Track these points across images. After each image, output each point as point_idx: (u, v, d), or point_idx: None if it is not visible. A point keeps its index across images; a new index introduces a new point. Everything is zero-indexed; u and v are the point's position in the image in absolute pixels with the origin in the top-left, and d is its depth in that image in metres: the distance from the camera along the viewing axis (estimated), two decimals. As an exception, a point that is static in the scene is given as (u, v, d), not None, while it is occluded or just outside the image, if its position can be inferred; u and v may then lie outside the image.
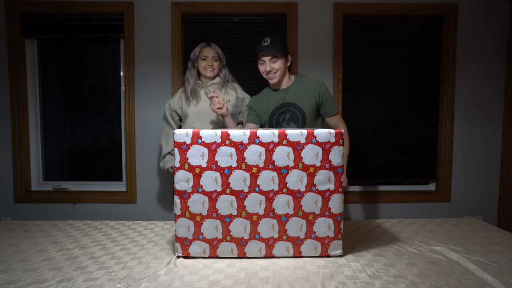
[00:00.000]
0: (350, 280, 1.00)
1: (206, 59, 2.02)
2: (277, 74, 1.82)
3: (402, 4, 2.55)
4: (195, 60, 2.06)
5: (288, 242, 1.18)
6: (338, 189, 1.18)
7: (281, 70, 1.82)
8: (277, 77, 1.83)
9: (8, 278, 1.03)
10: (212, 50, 2.04)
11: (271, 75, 1.82)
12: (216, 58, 2.04)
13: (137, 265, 1.13)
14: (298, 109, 1.83)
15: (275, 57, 1.79)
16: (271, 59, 1.80)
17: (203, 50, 2.03)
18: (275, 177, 1.16)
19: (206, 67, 2.02)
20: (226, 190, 1.16)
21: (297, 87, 1.87)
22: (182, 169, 1.16)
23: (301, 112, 1.83)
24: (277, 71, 1.81)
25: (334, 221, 1.18)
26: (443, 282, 0.99)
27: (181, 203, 1.17)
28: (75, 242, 1.35)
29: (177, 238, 1.18)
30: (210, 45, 2.05)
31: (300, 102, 1.83)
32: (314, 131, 1.15)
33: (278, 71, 1.81)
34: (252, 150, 1.14)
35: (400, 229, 1.53)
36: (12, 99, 2.55)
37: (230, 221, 1.17)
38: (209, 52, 2.02)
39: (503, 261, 1.15)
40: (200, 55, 2.03)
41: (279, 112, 1.87)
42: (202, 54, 2.02)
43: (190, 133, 1.15)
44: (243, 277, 1.04)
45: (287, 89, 1.88)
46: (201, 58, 2.02)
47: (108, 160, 2.74)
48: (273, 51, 1.78)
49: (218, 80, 2.10)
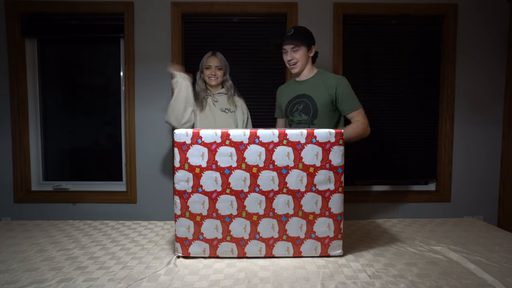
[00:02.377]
0: (350, 280, 1.00)
1: (210, 68, 2.07)
2: (298, 65, 1.86)
3: (402, 4, 2.55)
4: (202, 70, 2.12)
5: (288, 242, 1.18)
6: (338, 189, 1.18)
7: (302, 61, 1.86)
8: (298, 67, 1.86)
9: (8, 278, 1.03)
10: (216, 59, 2.08)
11: (292, 65, 1.86)
12: (219, 67, 2.08)
13: (137, 265, 1.13)
14: (311, 101, 1.85)
15: (296, 46, 1.83)
16: (292, 48, 1.84)
17: (208, 60, 2.08)
18: (275, 177, 1.16)
19: (210, 76, 2.07)
20: (226, 190, 1.16)
21: (316, 80, 1.88)
22: (182, 169, 1.16)
23: (314, 105, 1.84)
24: (298, 61, 1.85)
25: (334, 221, 1.18)
26: (443, 282, 0.99)
27: (181, 203, 1.17)
28: (75, 242, 1.35)
29: (177, 238, 1.18)
30: (215, 54, 2.10)
31: (314, 94, 1.85)
32: (314, 131, 1.16)
33: (298, 61, 1.85)
34: (252, 150, 1.14)
35: (400, 229, 1.53)
36: (12, 99, 2.55)
37: (230, 221, 1.17)
38: (213, 62, 2.07)
39: (503, 261, 1.15)
40: (205, 64, 2.09)
41: (294, 102, 1.91)
42: (207, 63, 2.08)
43: (190, 133, 1.15)
44: (243, 277, 1.04)
45: (306, 80, 1.91)
46: (205, 67, 2.08)
47: (108, 160, 2.74)
48: (294, 40, 1.82)
49: (224, 90, 2.14)
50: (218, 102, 2.09)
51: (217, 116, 2.06)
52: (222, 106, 2.09)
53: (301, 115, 1.88)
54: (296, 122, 1.90)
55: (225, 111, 2.09)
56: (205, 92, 2.11)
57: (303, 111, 1.87)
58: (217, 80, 2.08)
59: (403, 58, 2.63)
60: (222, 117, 2.07)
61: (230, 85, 2.15)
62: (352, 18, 2.58)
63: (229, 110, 2.09)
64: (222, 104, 2.10)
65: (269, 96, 2.55)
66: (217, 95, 2.12)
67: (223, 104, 2.10)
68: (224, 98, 2.12)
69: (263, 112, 2.56)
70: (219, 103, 2.09)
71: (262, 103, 2.58)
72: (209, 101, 2.09)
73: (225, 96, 2.13)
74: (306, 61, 1.88)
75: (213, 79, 2.08)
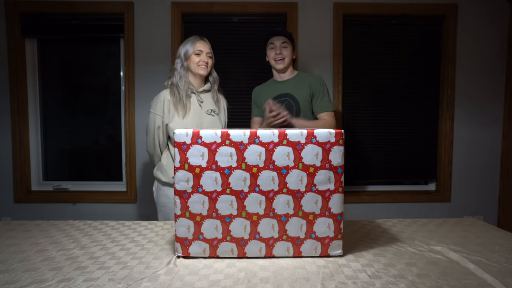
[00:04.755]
0: (350, 280, 1.00)
1: (201, 54, 1.71)
2: (285, 61, 1.84)
3: (402, 4, 2.55)
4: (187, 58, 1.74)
5: (288, 242, 1.18)
6: (338, 189, 1.17)
7: (289, 58, 1.86)
8: (285, 63, 1.85)
9: (8, 278, 1.03)
10: (207, 45, 1.76)
11: (279, 60, 1.84)
12: (210, 55, 1.76)
13: (137, 265, 1.13)
14: (293, 100, 1.84)
15: (285, 43, 1.83)
16: (282, 43, 1.83)
17: (197, 44, 1.72)
18: (275, 177, 1.16)
19: (200, 63, 1.71)
20: (226, 190, 1.16)
21: (297, 79, 1.90)
22: (182, 169, 1.16)
23: (296, 103, 1.84)
24: (285, 57, 1.84)
25: (334, 221, 1.18)
26: (443, 282, 0.99)
27: (181, 203, 1.17)
28: (75, 242, 1.35)
29: (177, 238, 1.18)
30: (203, 39, 1.77)
31: (295, 93, 1.85)
32: (314, 131, 1.15)
33: (286, 57, 1.84)
34: (252, 150, 1.14)
35: (400, 229, 1.53)
36: (12, 99, 2.55)
37: (230, 221, 1.17)
38: (204, 47, 1.73)
39: (503, 261, 1.14)
40: (195, 49, 1.72)
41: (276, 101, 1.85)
42: (196, 48, 1.71)
43: (190, 133, 1.15)
44: (243, 277, 1.04)
45: (287, 80, 1.91)
46: (194, 53, 1.71)
47: (108, 160, 2.74)
48: (285, 36, 1.83)
49: (208, 86, 1.82)
50: (204, 103, 1.78)
51: (204, 121, 1.76)
52: (208, 108, 1.79)
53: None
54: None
55: (211, 113, 1.79)
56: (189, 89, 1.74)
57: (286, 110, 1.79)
58: (206, 69, 1.74)
59: (403, 58, 2.63)
60: (209, 122, 1.78)
61: (216, 77, 1.83)
62: (352, 18, 2.58)
63: (215, 112, 1.81)
64: (208, 104, 1.80)
65: (269, 96, 2.55)
66: (202, 93, 1.80)
67: (209, 104, 1.80)
68: (209, 96, 1.82)
69: (263, 112, 2.56)
70: (205, 104, 1.79)
71: (262, 103, 2.58)
72: (193, 101, 1.75)
73: (209, 94, 1.83)
74: (290, 61, 1.89)
75: (202, 67, 1.72)
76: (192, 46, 1.72)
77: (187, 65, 1.74)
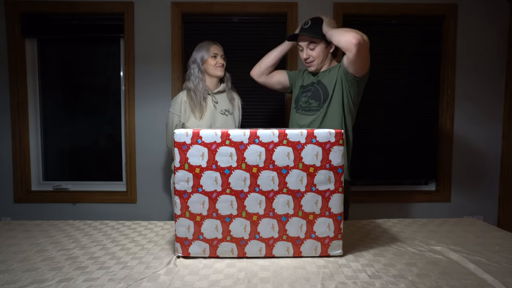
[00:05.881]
0: (350, 280, 1.00)
1: (217, 56, 1.87)
2: (314, 63, 1.66)
3: (402, 4, 2.55)
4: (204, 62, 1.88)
5: (288, 242, 1.18)
6: (338, 189, 1.17)
7: (320, 58, 1.65)
8: (315, 66, 1.67)
9: (8, 278, 1.03)
10: (220, 48, 1.91)
11: (308, 63, 1.67)
12: (224, 57, 1.91)
13: (137, 265, 1.13)
14: (321, 86, 1.67)
15: (313, 43, 1.62)
16: (308, 44, 1.63)
17: (213, 48, 1.88)
18: (275, 177, 1.16)
19: (217, 65, 1.86)
20: (226, 190, 1.16)
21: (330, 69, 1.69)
22: (182, 169, 1.16)
23: (323, 88, 1.66)
24: (314, 59, 1.65)
25: (334, 221, 1.18)
26: (443, 282, 0.99)
27: (181, 203, 1.17)
28: (75, 242, 1.35)
29: (177, 238, 1.18)
30: (215, 43, 1.92)
31: (325, 79, 1.68)
32: (314, 131, 1.15)
33: (315, 59, 1.65)
34: (252, 150, 1.14)
35: (400, 229, 1.53)
36: (12, 99, 2.55)
37: (230, 221, 1.17)
38: (219, 50, 1.89)
39: (503, 261, 1.14)
40: (211, 52, 1.87)
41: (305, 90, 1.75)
42: (213, 51, 1.87)
43: (190, 133, 1.15)
44: (243, 277, 1.04)
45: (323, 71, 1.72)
46: (211, 56, 1.86)
47: (108, 160, 2.74)
48: (310, 35, 1.60)
49: (223, 87, 1.95)
50: (219, 104, 1.92)
51: (217, 120, 1.90)
52: (222, 108, 1.93)
53: (309, 102, 1.71)
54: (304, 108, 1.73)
55: (225, 113, 1.93)
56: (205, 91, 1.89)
57: (312, 97, 1.70)
58: (223, 70, 1.90)
59: (403, 58, 2.63)
60: (222, 121, 1.91)
61: (228, 76, 1.96)
62: (352, 18, 2.58)
63: (228, 112, 1.94)
64: (222, 105, 1.93)
65: (269, 96, 2.55)
66: (217, 94, 1.93)
67: (223, 104, 1.94)
68: (224, 97, 1.95)
69: (262, 112, 2.56)
70: (220, 105, 1.92)
71: (262, 103, 2.58)
72: (209, 103, 1.89)
73: (224, 95, 1.96)
74: (325, 58, 1.67)
75: (220, 69, 1.87)
76: (207, 50, 1.87)
77: (205, 69, 1.88)
